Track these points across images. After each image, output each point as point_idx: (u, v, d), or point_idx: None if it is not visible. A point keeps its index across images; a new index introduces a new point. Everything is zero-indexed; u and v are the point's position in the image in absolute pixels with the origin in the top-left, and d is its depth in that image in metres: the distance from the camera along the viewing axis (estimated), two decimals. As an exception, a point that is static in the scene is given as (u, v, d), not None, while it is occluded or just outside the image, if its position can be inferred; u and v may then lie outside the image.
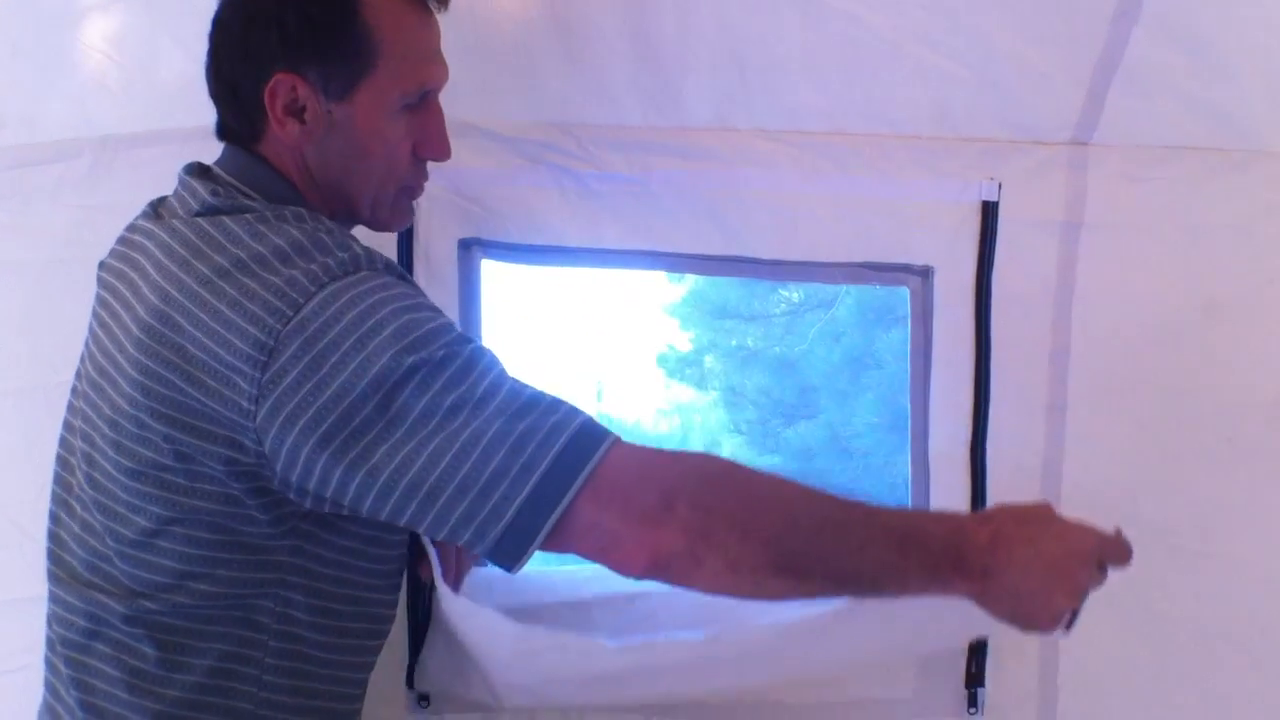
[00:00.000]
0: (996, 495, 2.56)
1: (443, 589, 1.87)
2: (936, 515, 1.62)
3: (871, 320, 9.74)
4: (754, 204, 2.49)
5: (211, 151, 2.47)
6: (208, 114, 2.42)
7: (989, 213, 2.47)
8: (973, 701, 2.59)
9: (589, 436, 1.51)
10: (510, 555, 1.50)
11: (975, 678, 2.61)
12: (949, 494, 2.58)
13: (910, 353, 2.60)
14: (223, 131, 1.80)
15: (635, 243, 2.54)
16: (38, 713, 1.78)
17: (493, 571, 2.09)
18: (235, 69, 1.72)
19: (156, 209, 1.79)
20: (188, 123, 2.43)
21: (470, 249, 2.52)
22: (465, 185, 2.42)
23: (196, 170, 1.78)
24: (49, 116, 2.46)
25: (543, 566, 2.32)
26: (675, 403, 16.38)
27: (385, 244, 2.46)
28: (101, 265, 1.83)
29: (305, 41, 1.67)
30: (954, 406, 2.55)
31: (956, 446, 2.56)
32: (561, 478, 1.48)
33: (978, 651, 2.59)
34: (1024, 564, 1.57)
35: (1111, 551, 1.64)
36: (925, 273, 2.53)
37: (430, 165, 1.87)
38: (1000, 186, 2.46)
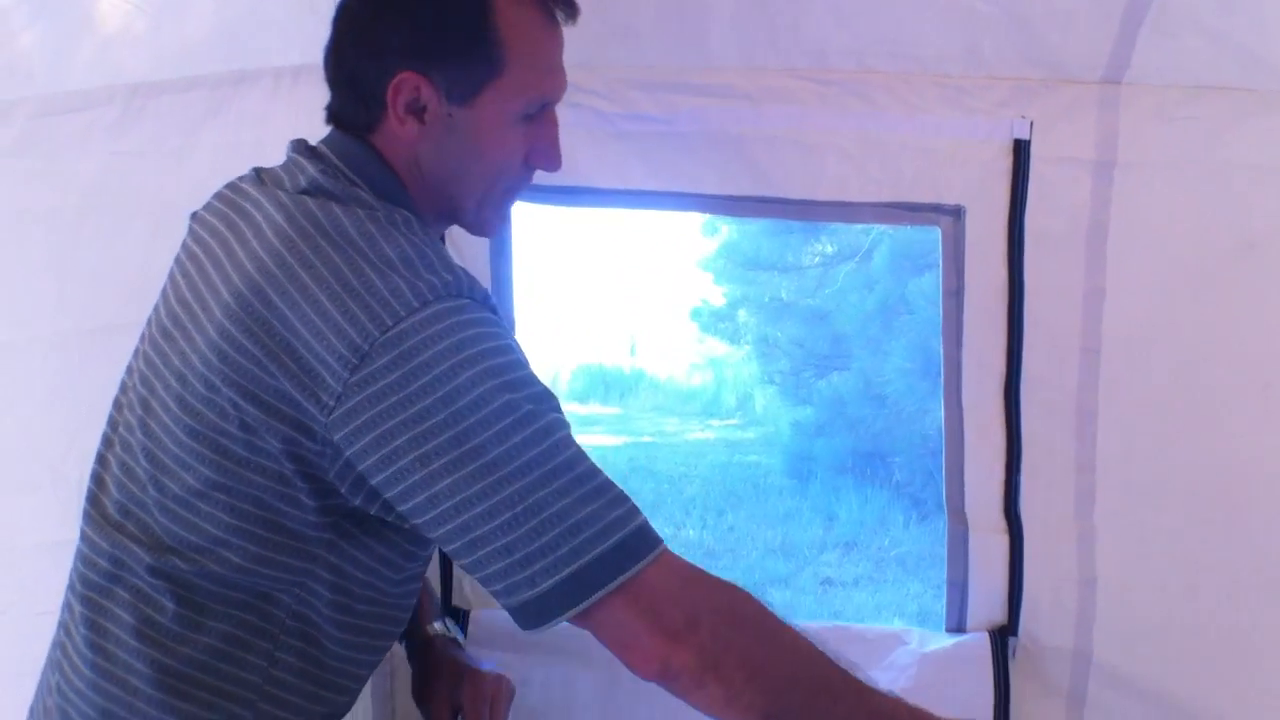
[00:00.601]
0: (1031, 441, 2.55)
1: None
2: (918, 712, 1.66)
3: (906, 268, 9.72)
4: (782, 144, 2.49)
5: (239, 99, 2.49)
6: (236, 60, 2.44)
7: (1021, 151, 2.45)
8: (1006, 652, 2.59)
9: (641, 541, 1.52)
10: (531, 620, 1.54)
11: (1009, 628, 2.61)
12: (984, 439, 2.58)
13: (942, 294, 2.58)
14: (334, 116, 1.78)
15: (663, 183, 2.54)
16: (48, 649, 1.79)
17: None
18: (359, 60, 1.71)
19: (260, 175, 1.77)
20: (217, 69, 2.45)
21: (499, 190, 2.51)
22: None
23: (304, 148, 1.76)
24: (77, 66, 2.46)
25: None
26: (708, 356, 16.46)
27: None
28: (195, 216, 1.82)
29: (436, 42, 1.66)
30: (987, 348, 2.54)
31: (990, 390, 2.55)
32: (603, 572, 1.49)
33: (1013, 602, 2.60)
34: None
35: None
36: (956, 212, 2.51)
37: None
38: (1032, 125, 2.44)
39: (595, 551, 1.48)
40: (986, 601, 2.63)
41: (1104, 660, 2.58)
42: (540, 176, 2.53)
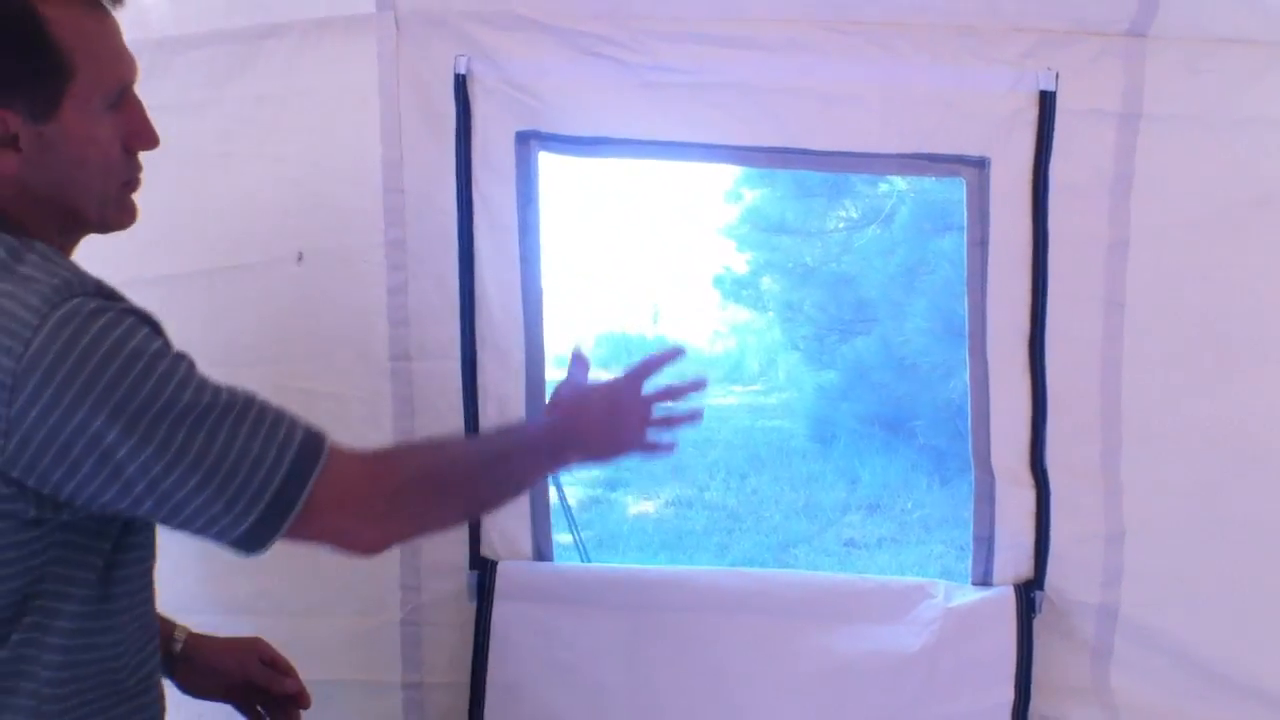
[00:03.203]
0: (1056, 393, 2.56)
1: None
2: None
3: (926, 230, 9.69)
4: (807, 95, 2.48)
5: (266, 53, 2.51)
6: (260, 14, 2.45)
7: (1046, 103, 2.44)
8: (1032, 605, 2.60)
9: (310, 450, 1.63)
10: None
11: (1034, 582, 2.62)
12: (1009, 392, 2.59)
13: (966, 246, 2.58)
14: None
15: (686, 135, 2.54)
16: None
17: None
18: None
19: None
20: (242, 23, 2.46)
21: (528, 141, 2.53)
22: (519, 77, 2.43)
23: None
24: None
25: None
26: (731, 323, 16.43)
27: (445, 137, 2.48)
28: None
29: (3, 74, 1.64)
30: (1011, 301, 2.54)
31: (1014, 342, 2.56)
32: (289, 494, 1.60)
33: (1039, 555, 2.61)
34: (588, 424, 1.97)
35: (639, 375, 1.98)
36: (981, 164, 2.51)
37: (485, 58, 1.85)
38: (1057, 76, 2.43)
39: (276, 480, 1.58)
40: (1012, 555, 2.64)
41: (1130, 615, 2.59)
42: (562, 127, 2.54)
